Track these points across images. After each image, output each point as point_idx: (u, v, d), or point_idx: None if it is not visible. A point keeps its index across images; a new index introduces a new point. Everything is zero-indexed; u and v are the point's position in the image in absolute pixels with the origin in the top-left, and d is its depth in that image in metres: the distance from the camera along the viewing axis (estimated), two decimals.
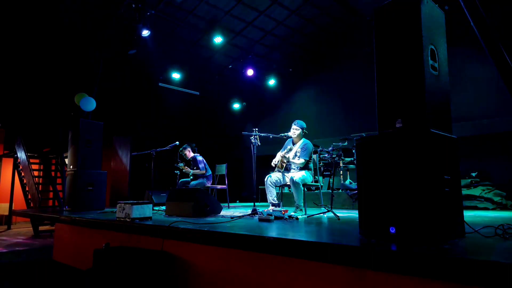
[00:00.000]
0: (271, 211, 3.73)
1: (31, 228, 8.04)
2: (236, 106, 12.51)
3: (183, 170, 6.66)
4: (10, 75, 9.22)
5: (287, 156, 4.58)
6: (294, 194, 4.29)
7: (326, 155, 7.44)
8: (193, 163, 6.69)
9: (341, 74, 10.22)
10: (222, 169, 7.16)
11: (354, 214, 4.54)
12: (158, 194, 6.43)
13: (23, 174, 9.33)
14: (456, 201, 2.20)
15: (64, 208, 5.61)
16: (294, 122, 4.74)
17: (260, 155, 4.85)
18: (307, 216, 4.05)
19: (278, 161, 4.67)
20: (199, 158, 6.65)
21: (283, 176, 4.64)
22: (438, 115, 2.26)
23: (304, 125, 4.75)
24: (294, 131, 4.69)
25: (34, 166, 9.28)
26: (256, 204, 4.31)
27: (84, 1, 7.59)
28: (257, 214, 3.97)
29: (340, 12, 9.14)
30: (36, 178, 8.86)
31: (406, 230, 2.02)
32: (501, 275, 1.42)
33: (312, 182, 4.63)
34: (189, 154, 6.79)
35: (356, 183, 6.52)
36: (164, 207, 4.75)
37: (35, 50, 8.79)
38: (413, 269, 1.65)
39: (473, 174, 6.75)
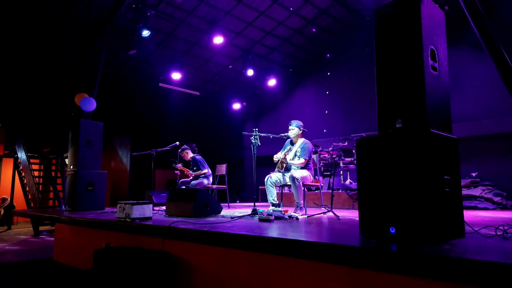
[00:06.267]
0: (271, 211, 3.73)
1: (32, 228, 8.05)
2: (236, 106, 12.52)
3: (185, 173, 6.66)
4: (11, 76, 9.23)
5: (287, 158, 4.59)
6: (294, 192, 4.29)
7: (326, 155, 7.45)
8: (192, 163, 6.69)
9: (341, 74, 10.22)
10: (222, 169, 7.16)
11: (354, 214, 4.55)
12: (158, 194, 6.42)
13: (23, 174, 9.34)
14: (456, 201, 2.21)
15: (64, 208, 5.61)
16: (290, 123, 4.75)
17: (260, 155, 4.85)
18: (307, 216, 4.05)
19: (278, 160, 4.67)
20: (199, 158, 6.65)
21: (283, 176, 4.64)
22: (438, 115, 2.26)
23: (301, 123, 4.75)
24: (291, 131, 4.70)
25: (35, 166, 9.29)
26: (256, 204, 4.31)
27: (84, 1, 7.59)
28: (257, 214, 3.97)
29: (340, 12, 9.14)
30: (37, 178, 8.87)
31: (406, 230, 2.02)
32: (501, 275, 1.42)
33: (312, 182, 4.63)
34: (189, 154, 6.79)
35: (356, 183, 6.52)
36: (164, 207, 4.75)
37: (36, 50, 8.80)
38: (413, 269, 1.65)
39: (473, 174, 6.75)
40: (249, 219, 3.68)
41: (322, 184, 5.84)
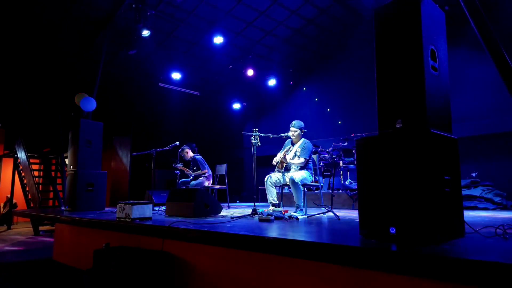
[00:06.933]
0: (271, 211, 3.72)
1: (31, 228, 8.05)
2: (236, 106, 12.52)
3: (186, 173, 6.65)
4: (11, 76, 9.23)
5: (286, 158, 4.58)
6: (294, 194, 4.29)
7: (326, 155, 7.45)
8: (192, 163, 6.69)
9: (341, 74, 10.22)
10: (222, 169, 7.15)
11: (354, 214, 4.55)
12: (158, 194, 6.42)
13: (23, 174, 9.34)
14: (456, 201, 2.21)
15: (64, 208, 5.61)
16: (291, 123, 4.73)
17: (260, 155, 4.85)
18: (307, 216, 4.05)
19: (278, 162, 4.67)
20: (199, 158, 6.65)
21: (283, 176, 4.64)
22: (438, 115, 2.26)
23: (302, 124, 4.74)
24: (293, 132, 4.68)
25: (34, 166, 9.29)
26: (256, 204, 4.31)
27: (84, 1, 7.59)
28: (257, 214, 3.97)
29: (340, 12, 9.14)
30: (36, 178, 8.88)
31: (406, 230, 2.02)
32: (500, 275, 1.42)
33: (312, 182, 4.63)
34: (189, 154, 6.78)
35: (356, 183, 6.52)
36: (164, 207, 4.76)
37: (36, 50, 8.80)
38: (413, 269, 1.65)
39: (473, 174, 6.74)
40: (249, 219, 3.68)
41: (322, 184, 5.84)
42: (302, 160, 4.51)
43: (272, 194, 4.49)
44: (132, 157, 10.14)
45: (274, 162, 4.74)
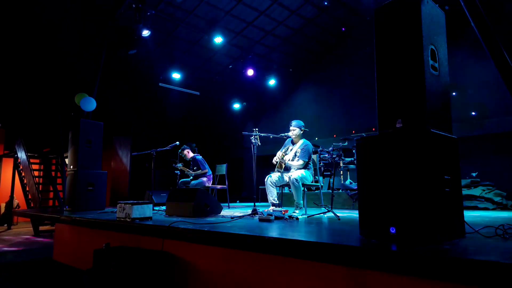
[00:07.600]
0: (271, 211, 3.72)
1: (32, 228, 8.05)
2: (236, 106, 12.52)
3: (186, 173, 6.65)
4: (11, 76, 9.23)
5: (285, 159, 4.57)
6: (294, 193, 4.29)
7: (326, 155, 7.44)
8: (193, 163, 6.69)
9: (341, 74, 10.23)
10: (222, 169, 7.15)
11: (354, 214, 4.54)
12: (158, 194, 6.42)
13: (23, 174, 9.34)
14: (456, 201, 2.20)
15: (64, 208, 5.61)
16: (291, 123, 4.72)
17: (260, 155, 4.85)
18: (307, 216, 4.05)
19: (277, 161, 4.67)
20: (199, 158, 6.64)
21: (283, 176, 4.63)
22: (438, 115, 2.26)
23: (302, 123, 4.73)
24: (292, 131, 4.68)
25: (35, 166, 9.29)
26: (256, 204, 4.31)
27: (84, 1, 7.59)
28: (257, 214, 3.97)
29: (340, 12, 9.14)
30: (37, 178, 8.87)
31: (406, 230, 2.02)
32: (501, 275, 1.42)
33: (312, 182, 4.63)
34: (189, 154, 6.78)
35: (356, 183, 6.52)
36: (164, 207, 4.75)
37: (36, 50, 8.80)
38: (414, 269, 1.65)
39: (474, 174, 6.74)
40: (249, 219, 3.68)
41: (322, 184, 5.84)
42: (301, 162, 4.51)
43: (272, 194, 4.49)
44: (132, 157, 10.14)
45: (274, 162, 4.74)
